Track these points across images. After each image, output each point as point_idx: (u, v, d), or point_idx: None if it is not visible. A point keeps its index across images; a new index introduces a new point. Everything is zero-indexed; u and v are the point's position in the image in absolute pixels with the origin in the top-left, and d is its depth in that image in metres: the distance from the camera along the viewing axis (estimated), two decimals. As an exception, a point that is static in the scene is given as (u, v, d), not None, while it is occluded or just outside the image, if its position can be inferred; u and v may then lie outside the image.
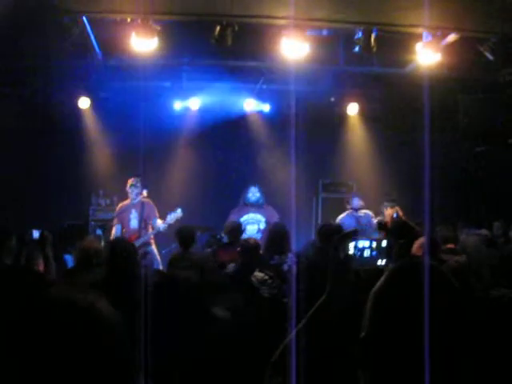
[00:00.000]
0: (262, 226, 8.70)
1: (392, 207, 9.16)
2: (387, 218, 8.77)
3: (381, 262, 2.20)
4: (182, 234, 6.31)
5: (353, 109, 10.80)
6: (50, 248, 5.45)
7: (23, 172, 10.05)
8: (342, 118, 11.02)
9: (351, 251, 2.16)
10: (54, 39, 7.52)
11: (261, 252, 5.90)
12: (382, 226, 5.24)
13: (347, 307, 2.06)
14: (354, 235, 2.21)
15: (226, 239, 7.31)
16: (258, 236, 8.46)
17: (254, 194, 8.71)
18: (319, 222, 10.43)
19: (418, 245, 4.82)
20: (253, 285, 4.87)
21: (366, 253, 2.17)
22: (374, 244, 2.21)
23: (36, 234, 5.50)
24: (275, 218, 8.82)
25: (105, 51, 8.49)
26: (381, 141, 10.91)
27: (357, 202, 9.36)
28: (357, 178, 11.13)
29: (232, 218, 8.64)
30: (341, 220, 9.08)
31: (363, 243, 2.18)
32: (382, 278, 1.81)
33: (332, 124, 10.99)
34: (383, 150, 10.86)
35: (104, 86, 10.00)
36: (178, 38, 8.08)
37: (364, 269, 2.15)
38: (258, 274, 5.10)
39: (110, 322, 1.34)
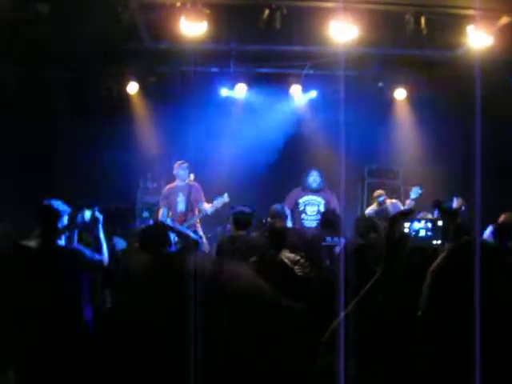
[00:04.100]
0: (322, 207, 8.68)
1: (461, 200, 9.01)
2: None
3: (436, 242, 2.17)
4: (239, 217, 6.33)
5: (401, 94, 10.64)
6: (101, 229, 5.56)
7: (71, 155, 10.23)
8: (390, 102, 10.85)
9: (406, 230, 2.15)
10: (104, 24, 7.60)
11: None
12: (438, 205, 5.08)
13: (399, 285, 2.05)
14: (410, 214, 2.19)
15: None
16: (318, 217, 8.43)
17: (315, 179, 8.67)
18: (364, 208, 10.34)
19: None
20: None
21: (422, 233, 2.15)
22: (430, 224, 2.18)
23: (87, 214, 5.61)
24: (335, 201, 8.78)
25: (154, 36, 8.54)
26: (429, 126, 10.71)
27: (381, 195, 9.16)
28: (403, 164, 10.99)
29: (289, 199, 8.67)
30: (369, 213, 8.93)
31: (419, 223, 2.16)
32: (440, 257, 1.80)
33: (379, 109, 10.84)
34: (431, 136, 10.66)
35: (152, 71, 10.09)
36: (227, 23, 8.07)
37: (419, 248, 2.14)
38: (290, 255, 5.14)
39: None
